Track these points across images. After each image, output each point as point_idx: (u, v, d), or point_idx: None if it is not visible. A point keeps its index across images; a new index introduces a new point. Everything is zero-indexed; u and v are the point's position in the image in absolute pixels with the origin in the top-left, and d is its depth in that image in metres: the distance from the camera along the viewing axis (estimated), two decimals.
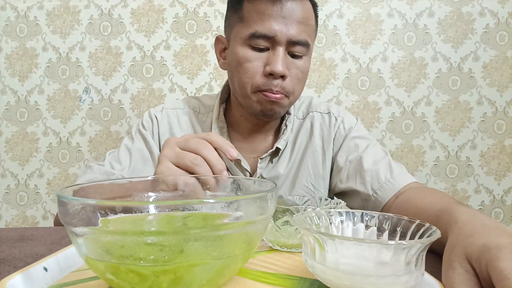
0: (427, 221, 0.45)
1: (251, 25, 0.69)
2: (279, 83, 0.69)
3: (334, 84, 1.43)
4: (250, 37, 0.69)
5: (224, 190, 0.45)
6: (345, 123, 0.82)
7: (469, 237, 0.34)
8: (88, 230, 0.30)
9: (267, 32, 0.68)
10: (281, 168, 0.80)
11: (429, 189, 0.68)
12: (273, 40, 0.68)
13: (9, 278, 0.31)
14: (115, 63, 1.44)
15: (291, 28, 0.68)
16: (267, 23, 0.67)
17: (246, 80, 0.71)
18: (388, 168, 0.72)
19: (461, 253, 0.32)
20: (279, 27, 0.67)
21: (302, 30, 0.69)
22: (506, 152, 1.43)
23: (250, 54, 0.70)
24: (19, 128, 1.47)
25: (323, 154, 0.81)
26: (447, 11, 1.41)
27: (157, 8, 1.43)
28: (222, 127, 0.80)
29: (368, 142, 0.79)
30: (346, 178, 0.76)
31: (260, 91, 0.70)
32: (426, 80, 1.42)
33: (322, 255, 0.31)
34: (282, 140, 0.79)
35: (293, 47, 0.70)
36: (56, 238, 0.55)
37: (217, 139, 0.53)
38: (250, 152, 0.81)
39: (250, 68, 0.70)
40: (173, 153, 0.52)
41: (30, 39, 1.45)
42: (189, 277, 0.29)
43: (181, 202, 0.31)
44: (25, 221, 1.48)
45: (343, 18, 1.42)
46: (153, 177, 0.45)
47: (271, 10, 0.67)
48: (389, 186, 0.70)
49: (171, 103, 0.87)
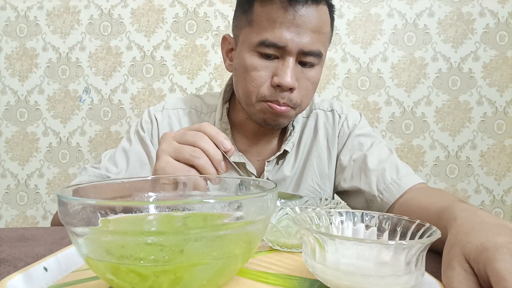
0: (429, 220, 0.45)
1: (261, 32, 0.65)
2: (286, 95, 0.66)
3: (334, 84, 1.43)
4: (259, 45, 0.65)
5: (229, 190, 0.45)
6: (348, 120, 0.80)
7: (467, 236, 0.33)
8: (88, 230, 0.30)
9: (277, 42, 0.63)
10: (287, 170, 0.78)
11: (433, 188, 0.67)
12: (284, 49, 0.64)
13: (9, 278, 0.31)
14: (115, 63, 1.44)
15: (303, 38, 0.64)
16: (278, 32, 0.63)
17: (251, 89, 0.67)
18: (394, 168, 0.70)
19: (460, 252, 0.32)
20: (291, 36, 0.63)
21: (316, 39, 0.65)
22: (506, 152, 1.43)
23: (258, 62, 0.66)
24: (19, 128, 1.47)
25: (328, 154, 0.79)
26: (447, 11, 1.41)
27: (157, 8, 1.43)
28: (226, 128, 0.77)
29: (372, 140, 0.77)
30: (350, 177, 0.74)
31: (266, 101, 0.67)
32: (426, 80, 1.42)
33: (322, 255, 0.31)
34: (289, 142, 0.76)
35: (305, 57, 0.66)
36: (56, 238, 0.55)
37: (210, 131, 0.52)
38: (256, 155, 0.79)
39: (257, 77, 0.66)
40: (171, 148, 0.51)
41: (30, 39, 1.45)
42: (189, 277, 0.29)
43: (181, 202, 0.31)
44: (25, 221, 1.48)
45: (343, 18, 1.42)
46: (153, 177, 0.45)
47: (283, 18, 0.63)
48: (395, 187, 0.67)
49: (172, 102, 0.83)
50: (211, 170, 0.50)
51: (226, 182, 0.45)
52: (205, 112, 0.81)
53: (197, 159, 0.50)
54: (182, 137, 0.52)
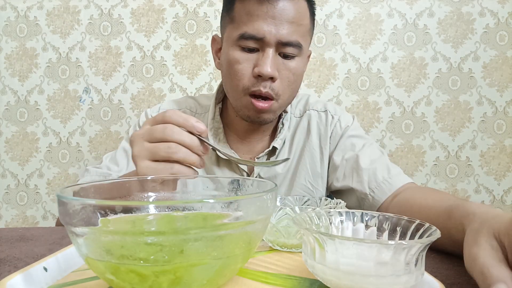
0: (435, 219, 0.46)
1: (241, 26, 0.68)
2: (268, 85, 0.68)
3: (334, 84, 1.43)
4: (240, 38, 0.68)
5: (223, 188, 0.45)
6: (341, 121, 0.81)
7: (494, 218, 0.34)
8: (88, 230, 0.30)
9: (255, 33, 0.66)
10: (279, 168, 0.80)
11: (428, 188, 0.68)
12: (262, 41, 0.67)
13: (9, 278, 0.31)
14: (115, 63, 1.44)
15: (281, 29, 0.66)
16: (255, 24, 0.66)
17: (236, 82, 0.70)
18: (386, 168, 0.72)
19: (488, 231, 0.33)
20: (268, 28, 0.66)
21: (294, 30, 0.67)
22: (506, 152, 1.43)
23: (240, 55, 0.69)
24: (19, 128, 1.47)
25: (320, 153, 0.80)
26: (447, 11, 1.41)
27: (157, 8, 1.43)
28: (218, 127, 0.79)
29: (364, 141, 0.79)
30: (342, 177, 0.76)
31: (250, 93, 0.69)
32: (426, 80, 1.42)
33: (322, 255, 0.31)
34: (278, 139, 0.78)
35: (284, 48, 0.68)
36: (56, 238, 0.55)
37: (178, 119, 0.49)
38: (247, 152, 0.81)
39: (239, 69, 0.69)
40: (144, 150, 0.49)
41: (30, 39, 1.45)
42: (189, 277, 0.29)
43: (181, 202, 0.31)
44: (25, 221, 1.48)
45: (343, 18, 1.42)
46: (152, 177, 0.45)
47: (260, 11, 0.66)
48: (387, 186, 0.69)
49: (168, 103, 0.86)
50: (193, 159, 0.49)
51: (220, 181, 0.45)
52: (199, 113, 0.84)
53: (175, 153, 0.48)
54: (151, 135, 0.49)
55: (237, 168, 0.78)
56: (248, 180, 0.44)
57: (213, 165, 0.79)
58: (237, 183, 0.44)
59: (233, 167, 0.79)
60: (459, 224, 0.41)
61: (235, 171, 0.79)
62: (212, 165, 0.79)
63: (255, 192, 0.41)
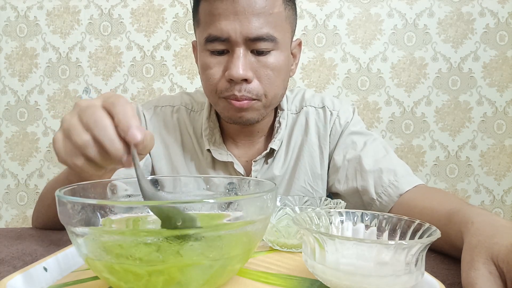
0: (436, 222, 0.45)
1: (205, 28, 0.63)
2: (243, 88, 0.63)
3: (334, 84, 1.43)
4: (206, 42, 0.63)
5: (220, 189, 0.44)
6: (341, 118, 0.76)
7: (492, 238, 0.33)
8: (88, 230, 0.30)
9: (219, 34, 0.60)
10: (277, 169, 0.75)
11: (435, 189, 0.65)
12: (229, 41, 0.61)
13: (9, 278, 0.31)
14: (115, 63, 1.44)
15: (246, 24, 0.59)
16: (218, 24, 0.60)
17: (210, 87, 0.66)
18: (392, 169, 0.67)
19: (485, 253, 0.32)
20: (232, 26, 0.60)
21: (262, 23, 0.60)
22: (506, 152, 1.43)
23: (210, 59, 0.64)
24: (19, 128, 1.47)
25: (320, 153, 0.75)
26: (447, 11, 1.40)
27: (157, 8, 1.43)
28: (214, 127, 0.74)
29: (365, 138, 0.74)
30: (345, 179, 0.71)
31: (225, 97, 0.65)
32: (426, 80, 1.42)
33: (322, 255, 0.31)
34: (276, 139, 0.73)
35: (255, 44, 0.61)
36: (56, 238, 0.55)
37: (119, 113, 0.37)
38: (243, 154, 0.76)
39: (211, 74, 0.64)
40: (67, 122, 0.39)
41: (30, 39, 1.45)
42: (183, 277, 0.29)
43: (181, 202, 0.31)
44: (25, 221, 1.48)
45: (343, 18, 1.42)
46: (152, 177, 0.45)
47: (221, 9, 0.60)
48: (393, 190, 0.64)
49: (162, 99, 0.81)
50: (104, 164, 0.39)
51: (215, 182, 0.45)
52: (195, 110, 0.79)
53: (85, 148, 0.38)
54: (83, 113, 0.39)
55: (233, 170, 0.74)
56: (246, 180, 0.44)
57: (208, 168, 0.75)
58: (236, 183, 0.44)
59: (229, 170, 0.75)
60: (458, 231, 0.40)
61: (231, 173, 0.75)
62: (207, 167, 0.75)
63: (255, 192, 0.41)
